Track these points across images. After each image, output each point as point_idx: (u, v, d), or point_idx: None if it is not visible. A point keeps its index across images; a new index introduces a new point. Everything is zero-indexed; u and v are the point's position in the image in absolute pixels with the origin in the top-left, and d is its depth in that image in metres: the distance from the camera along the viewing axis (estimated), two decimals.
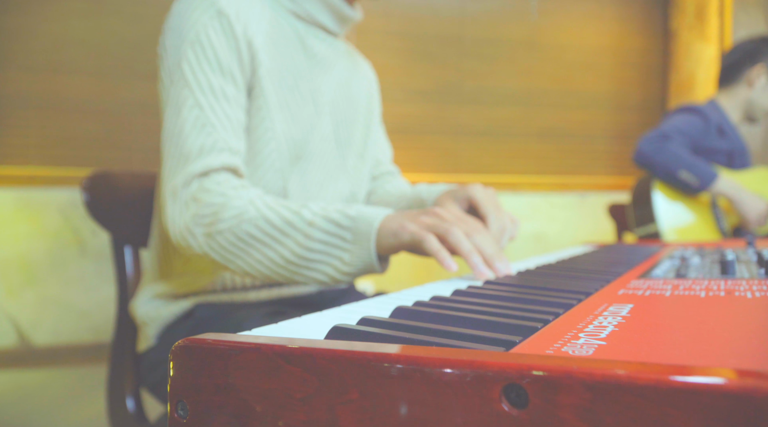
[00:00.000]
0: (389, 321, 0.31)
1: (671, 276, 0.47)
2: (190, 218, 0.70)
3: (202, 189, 0.70)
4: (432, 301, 0.38)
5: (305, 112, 0.84)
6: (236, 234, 0.69)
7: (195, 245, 0.70)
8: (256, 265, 0.69)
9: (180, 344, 0.28)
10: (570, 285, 0.45)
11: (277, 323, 0.34)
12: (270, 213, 0.68)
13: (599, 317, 0.30)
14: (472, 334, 0.28)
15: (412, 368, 0.22)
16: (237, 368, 0.26)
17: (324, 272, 0.68)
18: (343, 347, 0.24)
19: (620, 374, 0.18)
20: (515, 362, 0.21)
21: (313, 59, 0.86)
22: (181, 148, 0.72)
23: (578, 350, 0.23)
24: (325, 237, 0.67)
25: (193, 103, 0.73)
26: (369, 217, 0.66)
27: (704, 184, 1.72)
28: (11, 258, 2.35)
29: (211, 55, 0.74)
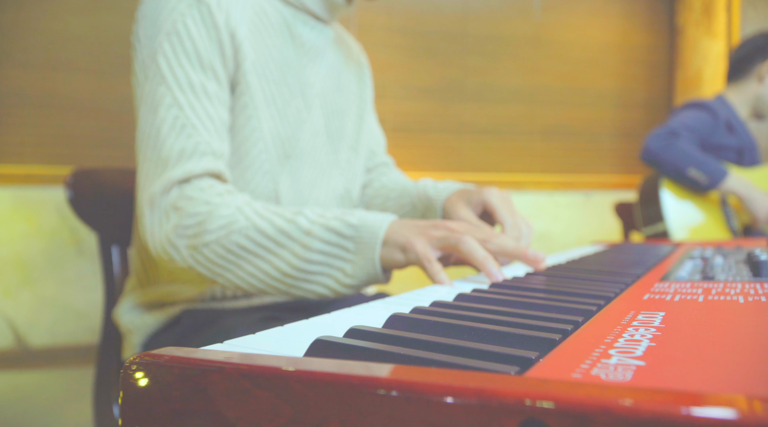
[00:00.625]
0: (382, 332, 0.26)
1: (698, 278, 0.43)
2: (171, 229, 0.64)
3: (183, 197, 0.64)
4: (432, 307, 0.34)
5: (293, 106, 0.78)
6: (225, 246, 0.63)
7: (178, 258, 0.65)
8: (249, 278, 0.64)
9: (132, 361, 0.23)
10: (586, 288, 0.41)
11: (255, 334, 0.29)
12: (262, 222, 0.63)
13: (629, 328, 0.25)
14: (479, 349, 0.23)
15: (405, 396, 0.18)
16: (197, 392, 0.22)
17: (324, 284, 0.63)
18: (323, 368, 0.20)
19: (681, 411, 0.14)
20: (536, 391, 0.16)
21: (301, 49, 0.80)
22: (159, 152, 0.66)
23: (613, 373, 0.18)
24: (324, 248, 0.62)
25: (171, 101, 0.67)
26: (373, 225, 0.61)
27: (714, 182, 1.67)
28: (7, 258, 2.31)
29: (190, 47, 0.68)
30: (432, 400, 0.17)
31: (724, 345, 0.22)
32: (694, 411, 0.14)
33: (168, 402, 0.22)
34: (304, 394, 0.19)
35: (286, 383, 0.20)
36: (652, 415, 0.14)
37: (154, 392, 0.23)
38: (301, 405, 0.19)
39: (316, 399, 0.19)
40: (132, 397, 0.23)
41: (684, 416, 0.14)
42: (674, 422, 0.14)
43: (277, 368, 0.20)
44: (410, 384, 0.18)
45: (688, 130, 1.75)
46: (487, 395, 0.16)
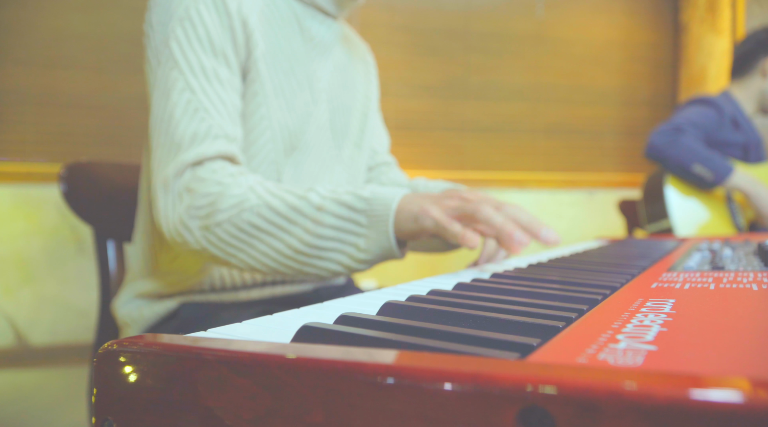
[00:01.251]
0: (375, 319, 0.25)
1: (707, 268, 0.41)
2: (184, 210, 0.64)
3: (195, 178, 0.64)
4: (429, 296, 0.32)
5: (301, 99, 0.78)
6: (237, 225, 0.62)
7: (191, 239, 0.64)
8: (261, 258, 0.63)
9: (106, 348, 0.22)
10: (591, 279, 0.39)
11: (242, 322, 0.28)
12: (273, 199, 0.62)
13: (637, 314, 0.24)
14: (478, 335, 0.22)
15: (396, 383, 0.16)
16: (173, 380, 0.20)
17: (338, 260, 0.62)
18: (306, 353, 0.18)
19: (697, 395, 0.12)
20: (537, 375, 0.15)
21: (310, 42, 0.80)
22: (172, 136, 0.66)
23: (622, 358, 0.17)
24: (337, 222, 0.61)
25: (183, 85, 0.67)
26: (385, 198, 0.60)
27: (719, 178, 1.65)
28: (8, 256, 2.30)
29: (203, 33, 0.68)
30: (424, 387, 0.16)
31: (740, 331, 0.21)
32: (709, 394, 0.12)
33: (143, 391, 0.21)
34: (286, 381, 0.18)
35: (267, 369, 0.18)
36: (665, 399, 0.13)
37: (128, 381, 0.21)
38: (283, 393, 0.18)
39: (299, 387, 0.18)
40: (105, 386, 0.22)
41: (699, 401, 0.12)
42: (688, 407, 0.13)
43: (256, 354, 0.18)
44: (400, 370, 0.16)
45: (693, 127, 1.73)
46: (483, 381, 0.15)
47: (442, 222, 0.56)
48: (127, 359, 0.21)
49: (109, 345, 0.22)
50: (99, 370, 0.22)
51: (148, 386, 0.21)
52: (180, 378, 0.20)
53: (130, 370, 0.21)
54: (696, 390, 0.13)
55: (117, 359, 0.21)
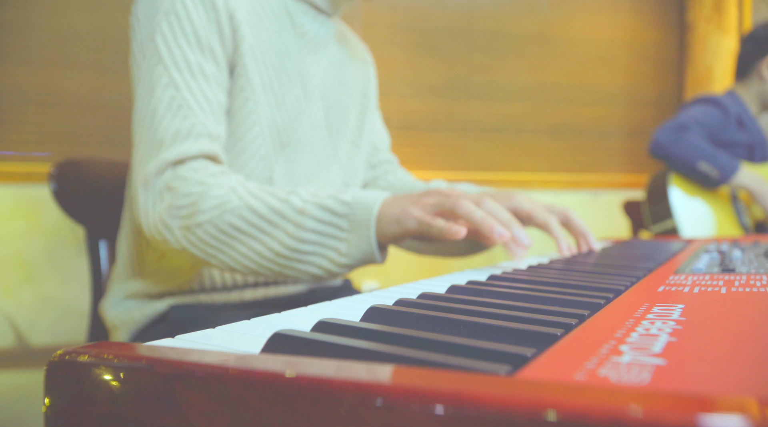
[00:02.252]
0: (355, 326, 0.23)
1: (717, 271, 0.39)
2: (165, 209, 0.63)
3: (177, 177, 0.63)
4: (419, 299, 0.30)
5: (292, 95, 0.76)
6: (218, 226, 0.61)
7: (172, 239, 0.63)
8: (242, 259, 0.62)
9: (56, 358, 0.20)
10: (593, 281, 0.37)
11: (215, 328, 0.26)
12: (255, 201, 0.61)
13: (643, 321, 0.21)
14: (465, 344, 0.19)
15: (362, 403, 0.14)
16: (124, 395, 0.18)
17: (318, 264, 0.62)
18: (267, 366, 0.16)
19: (715, 424, 0.10)
20: (526, 397, 0.12)
21: (302, 38, 0.78)
22: (155, 133, 0.65)
23: (626, 374, 0.15)
24: (318, 226, 0.60)
25: (167, 81, 0.65)
26: (367, 202, 0.60)
27: (725, 176, 1.62)
28: (8, 256, 2.29)
29: (188, 27, 0.67)
30: (399, 407, 0.14)
31: (759, 340, 0.18)
32: (727, 423, 0.10)
33: (94, 406, 0.19)
34: (244, 398, 0.16)
35: (223, 384, 0.16)
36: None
37: (80, 395, 0.19)
38: (241, 411, 0.16)
39: (258, 404, 0.15)
40: (56, 400, 0.20)
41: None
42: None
43: (211, 366, 0.16)
44: (368, 387, 0.14)
45: (698, 125, 1.71)
46: (463, 402, 0.13)
47: (425, 220, 0.56)
48: (78, 370, 0.19)
49: (60, 354, 0.20)
50: (49, 380, 0.20)
51: (100, 399, 0.19)
52: (130, 393, 0.18)
53: (81, 382, 0.19)
54: (711, 416, 0.11)
55: (66, 370, 0.19)
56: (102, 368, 0.19)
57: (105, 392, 0.19)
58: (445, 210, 0.56)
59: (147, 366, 0.17)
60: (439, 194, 0.58)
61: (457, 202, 0.55)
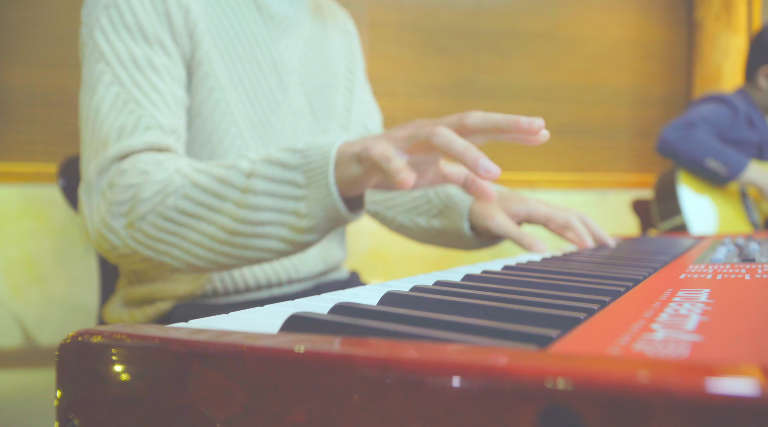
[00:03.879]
0: (373, 309, 0.22)
1: (737, 261, 0.38)
2: (105, 209, 0.55)
3: (117, 172, 0.55)
4: (435, 286, 0.29)
5: (265, 86, 0.71)
6: (161, 213, 0.53)
7: (118, 242, 0.55)
8: (195, 249, 0.53)
9: (68, 339, 0.19)
10: (609, 271, 0.36)
11: (228, 314, 0.25)
12: (199, 176, 0.53)
13: (670, 303, 0.21)
14: (488, 326, 0.19)
15: (390, 377, 0.13)
16: (139, 375, 0.18)
17: (278, 235, 0.51)
18: (287, 344, 0.15)
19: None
20: (565, 367, 0.12)
21: (271, 21, 0.72)
22: (98, 133, 0.58)
23: (661, 348, 0.14)
24: (270, 187, 0.50)
25: (111, 78, 0.59)
26: (323, 145, 0.50)
27: (733, 172, 1.61)
28: (16, 256, 2.30)
29: (131, 20, 0.61)
30: (425, 383, 0.13)
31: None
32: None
33: (108, 387, 0.18)
34: (263, 376, 0.15)
35: (242, 362, 0.15)
36: (723, 397, 0.10)
37: (92, 376, 0.19)
38: (260, 390, 0.15)
39: (278, 382, 0.15)
40: (68, 381, 0.19)
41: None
42: (755, 405, 0.10)
43: (230, 344, 0.16)
44: (396, 361, 0.14)
45: (706, 122, 1.69)
46: (496, 375, 0.12)
47: (385, 154, 0.45)
48: (91, 351, 0.19)
49: (72, 336, 0.20)
50: (61, 363, 0.20)
51: (113, 380, 0.18)
52: (146, 372, 0.17)
53: (93, 363, 0.19)
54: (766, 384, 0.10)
55: (80, 351, 0.19)
56: (116, 348, 0.18)
57: (118, 373, 0.18)
58: (419, 142, 0.46)
59: (162, 346, 0.17)
60: (414, 125, 0.49)
61: (432, 130, 0.45)
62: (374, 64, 2.63)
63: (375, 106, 0.95)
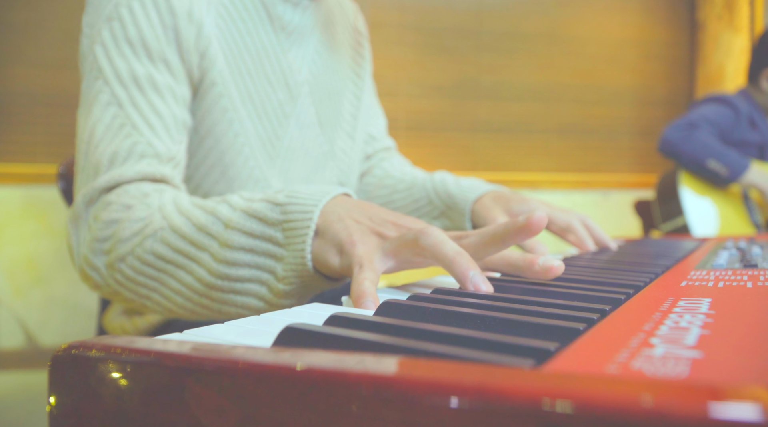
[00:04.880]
0: (369, 320, 0.22)
1: (739, 266, 0.38)
2: (87, 245, 0.51)
3: (103, 204, 0.52)
4: (433, 295, 0.29)
5: (274, 100, 0.69)
6: (140, 257, 0.49)
7: (100, 281, 0.52)
8: (174, 296, 0.50)
9: (59, 352, 0.19)
10: (610, 278, 0.36)
11: (224, 323, 0.25)
12: (179, 219, 0.49)
13: (670, 314, 0.21)
14: (485, 339, 0.19)
15: (382, 396, 0.13)
16: (130, 390, 0.17)
17: (257, 294, 0.47)
18: (280, 360, 0.15)
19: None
20: (558, 388, 0.12)
21: (282, 32, 0.70)
22: (91, 159, 0.54)
23: (660, 366, 0.14)
24: (248, 242, 0.46)
25: (108, 98, 0.55)
26: (305, 203, 0.45)
27: (735, 174, 1.61)
28: (18, 257, 2.30)
29: (135, 35, 0.57)
30: (417, 401, 0.13)
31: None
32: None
33: (99, 402, 0.18)
34: (255, 392, 0.15)
35: (233, 378, 0.15)
36: (729, 421, 0.10)
37: (84, 390, 0.18)
38: (251, 406, 0.15)
39: (270, 399, 0.15)
40: (60, 394, 0.19)
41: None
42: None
43: (221, 360, 0.15)
44: (388, 381, 0.13)
45: (708, 123, 1.69)
46: (490, 395, 0.12)
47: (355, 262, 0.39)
48: (82, 365, 0.18)
49: (65, 348, 0.19)
50: (54, 376, 0.19)
51: (104, 395, 0.18)
52: (137, 387, 0.17)
53: (85, 377, 0.18)
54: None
55: (72, 364, 0.19)
56: (108, 362, 0.18)
57: (111, 387, 0.18)
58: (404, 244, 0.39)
59: (154, 360, 0.17)
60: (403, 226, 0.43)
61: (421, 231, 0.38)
62: (376, 65, 2.63)
63: (380, 111, 0.94)
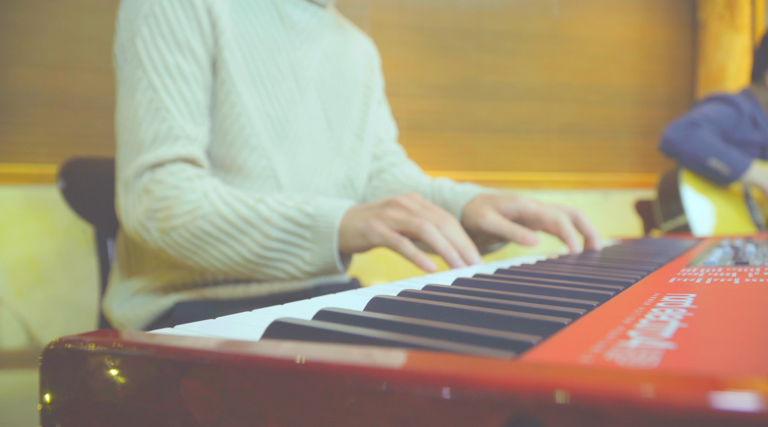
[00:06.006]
0: (357, 315, 0.22)
1: (730, 264, 0.38)
2: (142, 211, 0.66)
3: (154, 180, 0.66)
4: (424, 291, 0.30)
5: (284, 87, 0.77)
6: (190, 231, 0.65)
7: (150, 239, 0.67)
8: (214, 262, 0.66)
9: (51, 345, 0.19)
10: (602, 275, 0.36)
11: (216, 319, 0.25)
12: (225, 208, 0.64)
13: (652, 308, 0.21)
14: (468, 332, 0.19)
15: (359, 387, 0.14)
16: (121, 382, 0.18)
17: (284, 270, 0.65)
18: (263, 352, 0.16)
19: (727, 402, 0.09)
20: (529, 377, 0.12)
21: (292, 30, 0.78)
22: (135, 136, 0.68)
23: (634, 357, 0.14)
24: (283, 236, 0.64)
25: (146, 84, 0.68)
26: (329, 215, 0.63)
27: (736, 172, 1.60)
28: (20, 257, 2.31)
29: (166, 29, 0.69)
30: (393, 391, 0.13)
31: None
32: (741, 401, 0.10)
33: (89, 394, 0.18)
34: (239, 384, 0.15)
35: (218, 370, 0.16)
36: (687, 408, 0.10)
37: (75, 383, 0.19)
38: (236, 397, 0.15)
39: (253, 390, 0.15)
40: (52, 388, 0.19)
41: (734, 412, 0.10)
42: (716, 417, 0.10)
43: (207, 352, 0.16)
44: (367, 371, 0.14)
45: (710, 122, 1.69)
46: (463, 384, 0.12)
47: (390, 240, 0.58)
48: (73, 357, 0.19)
49: (56, 342, 0.20)
50: (45, 369, 0.20)
51: (94, 388, 0.18)
52: (125, 380, 0.17)
53: (76, 370, 0.19)
54: (723, 395, 0.10)
55: (62, 358, 0.19)
56: (98, 356, 0.18)
57: (102, 380, 0.18)
58: (409, 231, 0.58)
59: (142, 353, 0.17)
60: (401, 208, 0.60)
61: (422, 226, 0.57)
62: None
63: (392, 124, 0.98)
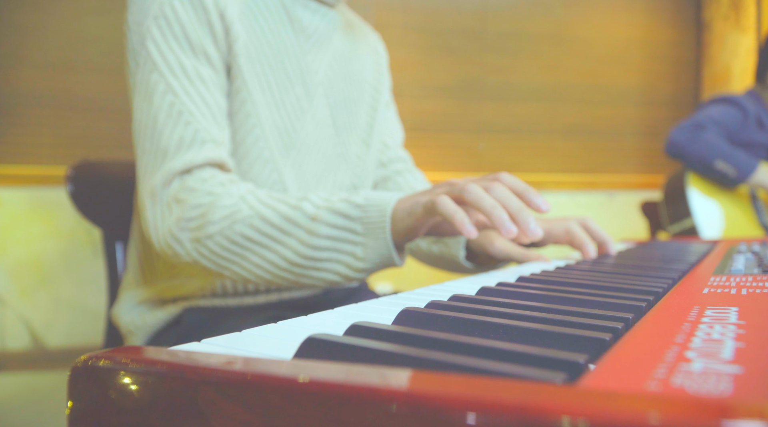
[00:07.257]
0: (390, 330, 0.22)
1: (758, 272, 0.37)
2: (174, 222, 0.61)
3: (184, 188, 0.62)
4: (451, 302, 0.29)
5: (292, 94, 0.74)
6: (229, 237, 0.60)
7: (182, 252, 0.62)
8: (256, 270, 0.61)
9: (79, 363, 0.19)
10: (626, 283, 0.35)
11: (241, 332, 0.25)
12: (266, 210, 0.60)
13: (699, 325, 0.20)
14: (511, 350, 0.18)
15: (413, 413, 0.13)
16: (153, 402, 0.17)
17: (335, 271, 0.60)
18: (306, 373, 0.15)
19: None
20: (607, 409, 0.11)
21: (302, 33, 0.76)
22: (158, 142, 0.63)
23: (702, 382, 0.13)
24: (332, 232, 0.58)
25: (164, 88, 0.64)
26: (380, 203, 0.57)
27: (743, 174, 1.59)
28: (24, 259, 2.31)
29: (179, 31, 0.65)
30: (451, 419, 0.13)
31: None
32: None
33: (120, 414, 0.18)
34: (281, 407, 0.15)
35: (259, 392, 0.15)
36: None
37: (105, 402, 0.18)
38: (277, 421, 0.15)
39: (296, 414, 0.14)
40: (80, 407, 0.19)
41: None
42: None
43: (247, 374, 0.15)
44: (419, 397, 0.13)
45: (715, 124, 1.68)
46: (532, 415, 0.12)
47: (429, 201, 0.53)
48: (103, 376, 0.18)
49: (85, 358, 0.19)
50: (72, 387, 0.19)
51: (125, 407, 0.18)
52: (160, 400, 0.17)
53: (106, 388, 0.18)
54: None
55: (92, 376, 0.18)
56: (130, 374, 0.18)
57: (129, 398, 0.18)
58: (453, 196, 0.53)
59: (178, 373, 0.16)
60: (448, 183, 0.55)
61: (464, 188, 0.52)
62: None
63: (399, 126, 0.96)
